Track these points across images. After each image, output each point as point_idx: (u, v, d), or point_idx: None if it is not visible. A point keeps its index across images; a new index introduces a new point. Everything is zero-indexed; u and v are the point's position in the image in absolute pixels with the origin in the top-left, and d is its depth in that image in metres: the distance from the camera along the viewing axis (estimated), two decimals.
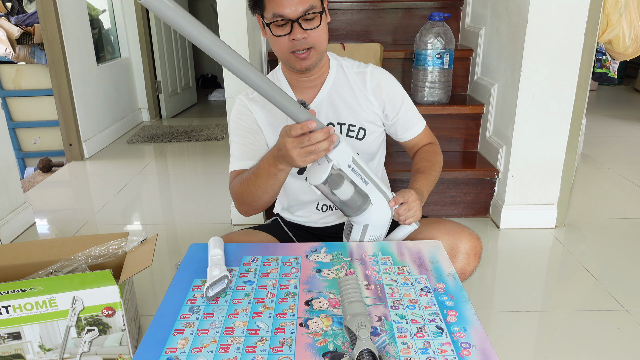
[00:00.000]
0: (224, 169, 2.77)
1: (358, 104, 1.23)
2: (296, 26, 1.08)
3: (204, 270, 0.95)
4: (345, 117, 1.23)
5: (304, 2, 1.07)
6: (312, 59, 1.14)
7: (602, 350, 1.37)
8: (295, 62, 1.13)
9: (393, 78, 1.28)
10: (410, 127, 1.29)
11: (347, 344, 0.76)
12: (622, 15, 2.44)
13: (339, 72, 1.24)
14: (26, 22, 3.06)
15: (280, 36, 1.10)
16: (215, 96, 4.81)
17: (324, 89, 1.23)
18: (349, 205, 1.01)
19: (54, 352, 1.23)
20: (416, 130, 1.30)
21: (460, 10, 2.59)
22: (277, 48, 1.13)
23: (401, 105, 1.26)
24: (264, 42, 2.26)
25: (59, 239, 1.38)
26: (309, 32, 1.10)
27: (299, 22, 1.08)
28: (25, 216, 2.17)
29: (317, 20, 1.10)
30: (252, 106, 1.23)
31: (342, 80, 1.24)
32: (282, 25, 1.09)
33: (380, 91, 1.24)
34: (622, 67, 4.53)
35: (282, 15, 1.07)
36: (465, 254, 1.14)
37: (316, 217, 1.31)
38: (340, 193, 0.98)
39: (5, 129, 2.10)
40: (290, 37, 1.09)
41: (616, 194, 2.43)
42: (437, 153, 1.31)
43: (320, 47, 1.14)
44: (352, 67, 1.26)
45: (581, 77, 1.87)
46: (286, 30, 1.09)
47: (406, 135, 1.31)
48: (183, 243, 2.02)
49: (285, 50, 1.12)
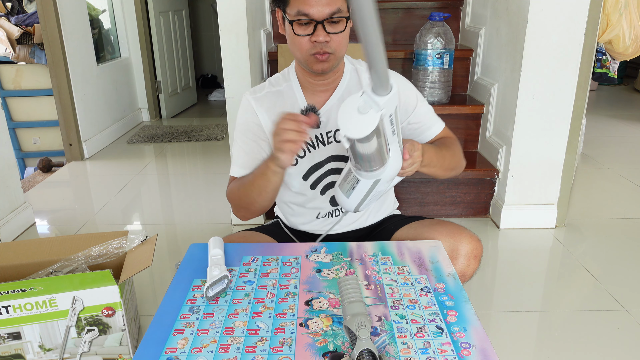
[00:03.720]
0: (224, 169, 2.77)
1: None
2: (320, 28, 1.04)
3: (204, 270, 0.95)
4: None
5: (331, 4, 1.03)
6: (331, 63, 1.10)
7: (602, 350, 1.37)
8: (314, 63, 1.09)
9: (407, 83, 1.25)
10: (427, 127, 1.24)
11: (347, 344, 0.76)
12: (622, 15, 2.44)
13: (352, 77, 1.20)
14: (26, 22, 3.06)
15: (302, 36, 1.06)
16: (215, 96, 4.81)
17: (336, 94, 1.19)
18: (370, 159, 0.86)
19: (54, 352, 1.23)
20: (434, 130, 1.24)
21: (460, 10, 2.59)
22: (296, 47, 1.09)
23: (415, 108, 1.22)
24: (264, 42, 2.26)
25: (59, 238, 1.38)
26: (332, 36, 1.06)
27: (324, 24, 1.04)
28: (25, 216, 2.17)
29: (342, 25, 1.07)
30: (258, 109, 1.19)
31: (355, 85, 1.20)
32: (305, 24, 1.05)
33: None
34: (622, 67, 4.53)
35: (308, 14, 1.03)
36: (466, 256, 1.13)
37: (317, 226, 1.29)
38: (368, 146, 0.83)
39: (5, 129, 2.10)
40: (312, 39, 1.06)
41: (616, 194, 2.43)
42: (457, 145, 1.23)
43: (340, 54, 1.10)
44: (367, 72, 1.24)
45: (581, 77, 1.87)
46: (309, 30, 1.05)
47: (424, 137, 1.25)
48: (183, 243, 2.02)
49: (304, 51, 1.08)
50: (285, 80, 1.21)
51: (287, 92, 1.20)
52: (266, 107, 1.19)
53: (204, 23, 5.26)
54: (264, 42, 2.26)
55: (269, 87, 1.21)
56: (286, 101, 1.19)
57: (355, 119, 0.77)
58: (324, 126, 1.18)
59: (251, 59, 1.96)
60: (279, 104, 1.19)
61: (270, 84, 1.22)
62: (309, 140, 0.97)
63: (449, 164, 1.17)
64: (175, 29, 4.21)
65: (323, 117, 1.17)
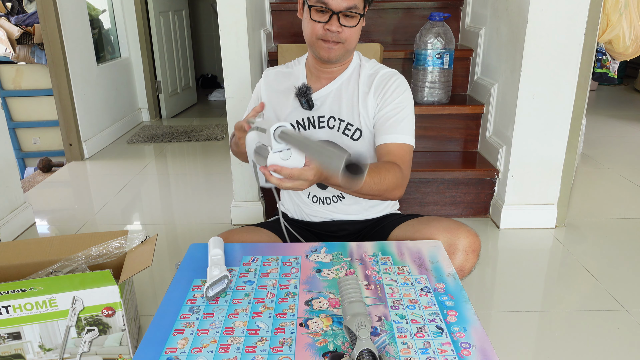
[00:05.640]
0: (224, 169, 2.77)
1: (360, 105, 1.24)
2: (334, 18, 1.14)
3: (204, 270, 0.95)
4: (345, 115, 1.25)
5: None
6: (338, 52, 1.19)
7: (602, 350, 1.37)
8: (321, 49, 1.19)
9: (404, 86, 1.24)
10: (389, 132, 1.19)
11: (347, 344, 0.76)
12: (622, 15, 2.44)
13: (354, 72, 1.28)
14: (26, 22, 3.06)
15: (317, 22, 1.16)
16: (215, 96, 4.81)
17: (335, 83, 1.27)
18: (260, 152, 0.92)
19: (54, 352, 1.23)
20: (394, 138, 1.18)
21: (460, 10, 2.59)
22: (308, 31, 1.19)
23: (393, 105, 1.20)
24: (264, 42, 2.26)
25: (59, 237, 1.38)
26: (344, 29, 1.16)
27: (339, 15, 1.13)
28: (25, 216, 2.17)
29: (355, 20, 1.16)
30: (263, 82, 1.33)
31: (354, 80, 1.27)
32: (322, 12, 1.15)
33: (381, 91, 1.23)
34: (622, 67, 4.53)
35: (326, 3, 1.13)
36: (464, 250, 1.14)
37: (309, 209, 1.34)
38: None
39: (5, 129, 2.10)
40: (325, 26, 1.15)
41: (616, 194, 2.43)
42: (394, 174, 1.10)
43: (348, 46, 1.19)
44: (369, 69, 1.27)
45: (581, 77, 1.87)
46: (324, 18, 1.15)
47: (381, 139, 1.19)
48: (183, 243, 2.02)
49: (315, 34, 1.17)
50: (297, 64, 1.34)
51: (294, 73, 1.32)
52: (269, 82, 1.33)
53: (204, 23, 5.26)
54: (264, 42, 2.26)
55: (283, 67, 1.36)
56: (289, 81, 1.31)
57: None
58: (316, 109, 1.26)
59: (251, 59, 1.96)
60: (281, 82, 1.32)
61: (286, 65, 1.36)
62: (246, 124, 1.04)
63: (368, 190, 1.07)
64: (175, 29, 4.21)
65: (317, 101, 1.26)
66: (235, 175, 2.07)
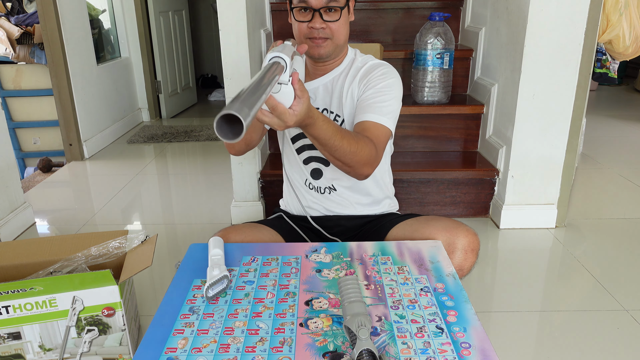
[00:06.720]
0: (224, 169, 2.77)
1: (348, 97, 1.26)
2: (317, 16, 1.16)
3: (204, 270, 0.95)
4: (335, 107, 1.28)
5: None
6: (327, 49, 1.21)
7: (602, 350, 1.37)
8: (311, 48, 1.21)
9: (392, 74, 1.24)
10: (368, 111, 1.17)
11: (347, 344, 0.76)
12: (622, 15, 2.44)
13: (346, 66, 1.29)
14: (26, 22, 3.06)
15: (301, 22, 1.19)
16: (215, 96, 4.81)
17: (327, 77, 1.30)
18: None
19: (54, 352, 1.23)
20: (373, 117, 1.16)
21: (460, 10, 2.59)
22: (296, 32, 1.22)
23: (376, 89, 1.19)
24: (264, 42, 2.26)
25: (59, 237, 1.38)
26: (328, 24, 1.18)
27: (320, 12, 1.16)
28: (25, 216, 2.17)
29: (338, 14, 1.18)
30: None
31: (345, 74, 1.28)
32: (305, 11, 1.18)
33: (365, 77, 1.24)
34: (622, 67, 4.53)
35: (306, 2, 1.16)
36: (463, 249, 1.14)
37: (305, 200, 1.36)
38: None
39: (5, 129, 2.10)
40: (309, 25, 1.18)
41: (616, 194, 2.43)
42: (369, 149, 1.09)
43: (337, 40, 1.21)
44: (360, 63, 1.29)
45: (581, 77, 1.87)
46: (307, 17, 1.18)
47: (359, 117, 1.18)
48: (183, 243, 2.02)
49: (302, 34, 1.20)
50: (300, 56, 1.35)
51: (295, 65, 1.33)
52: None
53: (204, 23, 5.26)
54: (264, 42, 2.26)
55: None
56: None
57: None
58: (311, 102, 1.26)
59: (251, 59, 1.96)
60: None
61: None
62: None
63: (341, 155, 1.05)
64: (175, 29, 4.21)
65: (311, 94, 1.28)
66: (235, 175, 2.07)
